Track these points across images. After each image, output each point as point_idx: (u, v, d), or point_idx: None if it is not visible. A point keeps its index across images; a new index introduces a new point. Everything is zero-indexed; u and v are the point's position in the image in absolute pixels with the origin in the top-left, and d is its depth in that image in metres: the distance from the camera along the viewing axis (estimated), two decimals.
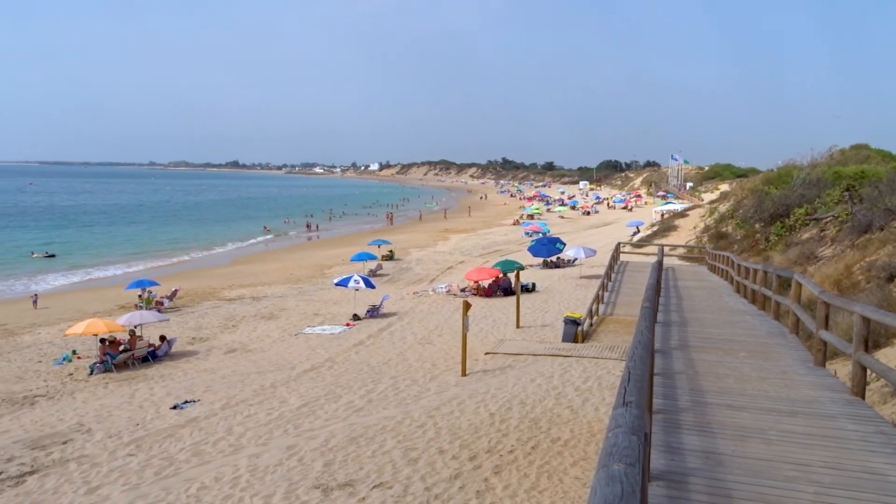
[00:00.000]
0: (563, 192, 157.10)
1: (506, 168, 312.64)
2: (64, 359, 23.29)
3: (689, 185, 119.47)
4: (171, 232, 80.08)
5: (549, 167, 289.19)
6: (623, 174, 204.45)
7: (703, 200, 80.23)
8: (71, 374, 21.76)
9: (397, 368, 20.52)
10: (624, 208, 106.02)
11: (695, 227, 52.58)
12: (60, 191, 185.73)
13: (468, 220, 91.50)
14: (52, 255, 56.52)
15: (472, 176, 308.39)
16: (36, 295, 35.44)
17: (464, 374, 19.21)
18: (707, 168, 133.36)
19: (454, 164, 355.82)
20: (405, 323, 27.62)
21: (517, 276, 27.57)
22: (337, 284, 30.63)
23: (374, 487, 12.17)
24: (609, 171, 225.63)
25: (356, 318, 28.66)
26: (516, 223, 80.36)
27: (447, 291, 34.42)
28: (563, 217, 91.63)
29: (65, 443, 15.39)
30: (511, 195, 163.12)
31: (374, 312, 29.20)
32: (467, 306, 19.79)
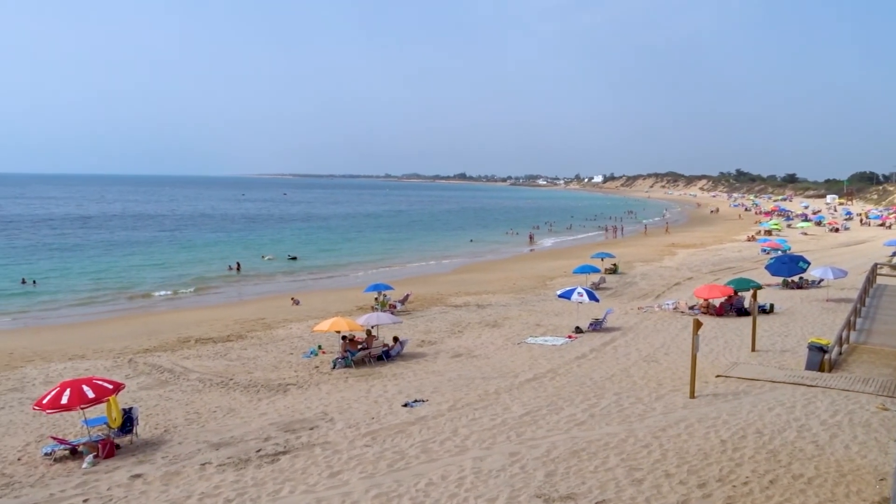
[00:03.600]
0: (806, 207, 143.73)
1: (740, 180, 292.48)
2: (311, 352, 25.73)
3: None
4: (408, 239, 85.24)
5: (791, 179, 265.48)
6: (880, 187, 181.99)
7: None
8: (317, 367, 23.95)
9: (621, 385, 20.03)
10: (881, 225, 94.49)
11: None
12: (314, 200, 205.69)
13: (697, 234, 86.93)
14: (294, 258, 62.97)
15: (701, 188, 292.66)
16: (295, 298, 39.54)
17: (692, 395, 18.26)
18: None
19: (682, 175, 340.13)
20: (629, 339, 26.88)
21: (753, 296, 25.69)
22: (560, 296, 30.61)
23: (596, 503, 11.98)
24: (863, 183, 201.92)
25: (579, 330, 28.44)
26: (751, 239, 74.88)
27: (674, 308, 32.96)
28: (805, 234, 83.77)
29: (311, 429, 16.97)
30: (745, 209, 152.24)
31: (597, 326, 28.78)
32: (698, 325, 18.80)
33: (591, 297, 29.28)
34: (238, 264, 56.22)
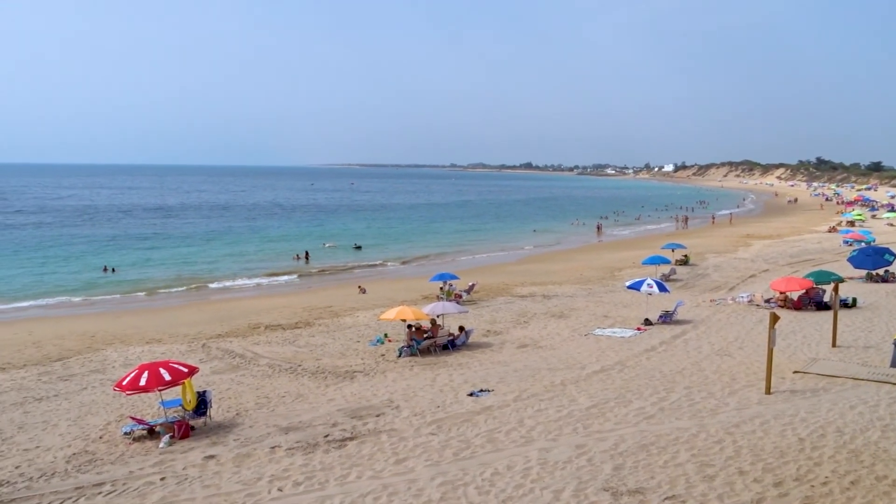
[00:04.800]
0: (893, 197, 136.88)
1: (820, 169, 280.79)
2: (377, 340, 25.98)
3: None
4: (476, 230, 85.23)
5: (876, 167, 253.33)
6: None
7: None
8: (383, 355, 24.17)
9: (692, 379, 19.50)
10: None
11: None
12: (381, 190, 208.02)
13: (774, 225, 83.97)
14: (359, 247, 63.79)
15: (779, 177, 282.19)
16: (362, 287, 40.06)
17: (768, 391, 17.63)
18: None
19: (758, 164, 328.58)
20: (701, 332, 26.16)
21: (835, 289, 24.60)
22: (629, 287, 30.03)
23: (665, 499, 11.70)
24: None
25: (648, 322, 27.84)
26: (833, 230, 71.84)
27: (749, 301, 31.90)
28: (892, 225, 79.82)
29: (378, 415, 17.13)
30: (826, 199, 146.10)
31: (667, 318, 28.11)
32: (774, 319, 18.11)
33: (662, 288, 28.62)
34: (306, 253, 57.36)
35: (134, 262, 53.47)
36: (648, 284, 28.49)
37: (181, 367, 16.66)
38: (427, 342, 24.46)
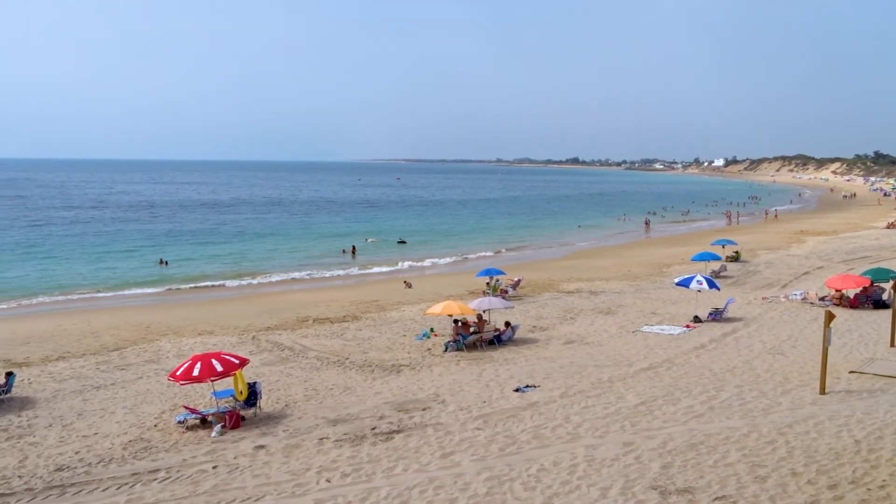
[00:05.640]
0: None
1: (878, 163, 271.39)
2: (424, 335, 26.12)
3: None
4: (524, 226, 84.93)
5: None
6: None
7: None
8: (429, 350, 24.29)
9: (743, 377, 19.14)
10: None
11: None
12: (429, 185, 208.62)
13: (829, 221, 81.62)
14: (404, 242, 64.06)
15: (834, 172, 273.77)
16: (408, 281, 40.31)
17: (822, 391, 17.20)
18: None
19: (813, 158, 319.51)
20: (752, 330, 25.62)
21: (894, 287, 23.83)
22: (677, 284, 29.57)
23: (715, 499, 11.54)
24: None
25: (697, 320, 27.39)
26: (891, 226, 69.48)
27: (802, 299, 31.11)
28: None
29: (424, 409, 17.24)
30: (885, 194, 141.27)
31: (716, 316, 27.61)
32: (830, 317, 17.65)
33: (711, 285, 28.12)
34: (353, 248, 58.01)
35: (187, 256, 54.72)
36: (698, 281, 28.02)
37: (232, 359, 17.03)
38: (473, 337, 24.49)
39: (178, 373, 16.47)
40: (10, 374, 19.54)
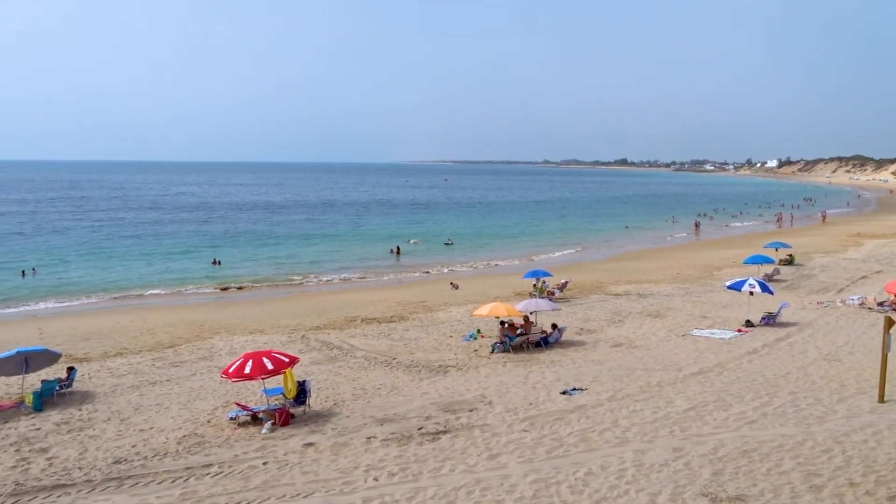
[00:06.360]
0: None
1: None
2: (470, 336, 26.16)
3: None
4: (574, 229, 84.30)
5: None
6: None
7: None
8: (476, 351, 24.32)
9: (797, 384, 18.67)
10: None
11: None
12: (477, 187, 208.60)
13: (889, 224, 78.94)
14: (451, 243, 64.33)
15: (894, 173, 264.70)
16: (454, 282, 40.44)
17: (881, 399, 16.68)
18: None
19: (871, 159, 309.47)
20: (807, 335, 24.97)
21: None
22: (729, 287, 28.96)
23: None
24: None
25: (749, 324, 26.81)
26: None
27: (860, 304, 30.17)
28: None
29: (471, 410, 17.28)
30: None
31: (770, 320, 26.98)
32: (889, 323, 17.10)
33: (764, 289, 27.48)
34: (398, 248, 58.41)
35: (240, 256, 55.80)
36: (750, 285, 27.42)
37: (283, 357, 17.33)
38: (520, 339, 24.43)
39: (230, 370, 16.83)
40: (71, 369, 20.27)
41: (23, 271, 45.97)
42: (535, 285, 35.73)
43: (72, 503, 12.69)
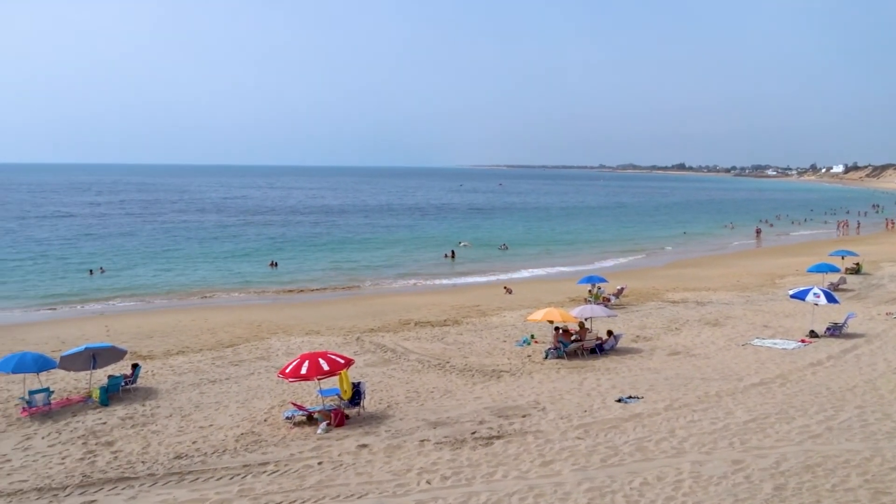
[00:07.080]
0: None
1: None
2: (524, 341, 26.03)
3: None
4: (623, 231, 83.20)
5: None
6: None
7: None
8: (529, 356, 24.18)
9: (864, 398, 17.99)
10: None
11: None
12: (532, 191, 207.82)
13: None
14: (506, 247, 64.09)
15: None
16: (508, 287, 40.37)
17: None
18: None
19: None
20: (875, 347, 24.05)
21: None
22: (792, 296, 28.10)
23: None
24: None
25: (813, 335, 25.96)
26: None
27: None
28: None
29: (524, 416, 17.18)
30: None
31: (835, 331, 26.08)
32: None
33: (830, 298, 26.57)
34: (453, 252, 58.55)
35: (298, 259, 56.80)
36: (815, 294, 26.54)
37: (338, 359, 17.55)
38: (574, 345, 24.19)
39: (287, 370, 17.12)
40: (135, 366, 20.95)
41: (90, 270, 47.78)
42: (590, 291, 35.35)
43: (135, 496, 13.09)
